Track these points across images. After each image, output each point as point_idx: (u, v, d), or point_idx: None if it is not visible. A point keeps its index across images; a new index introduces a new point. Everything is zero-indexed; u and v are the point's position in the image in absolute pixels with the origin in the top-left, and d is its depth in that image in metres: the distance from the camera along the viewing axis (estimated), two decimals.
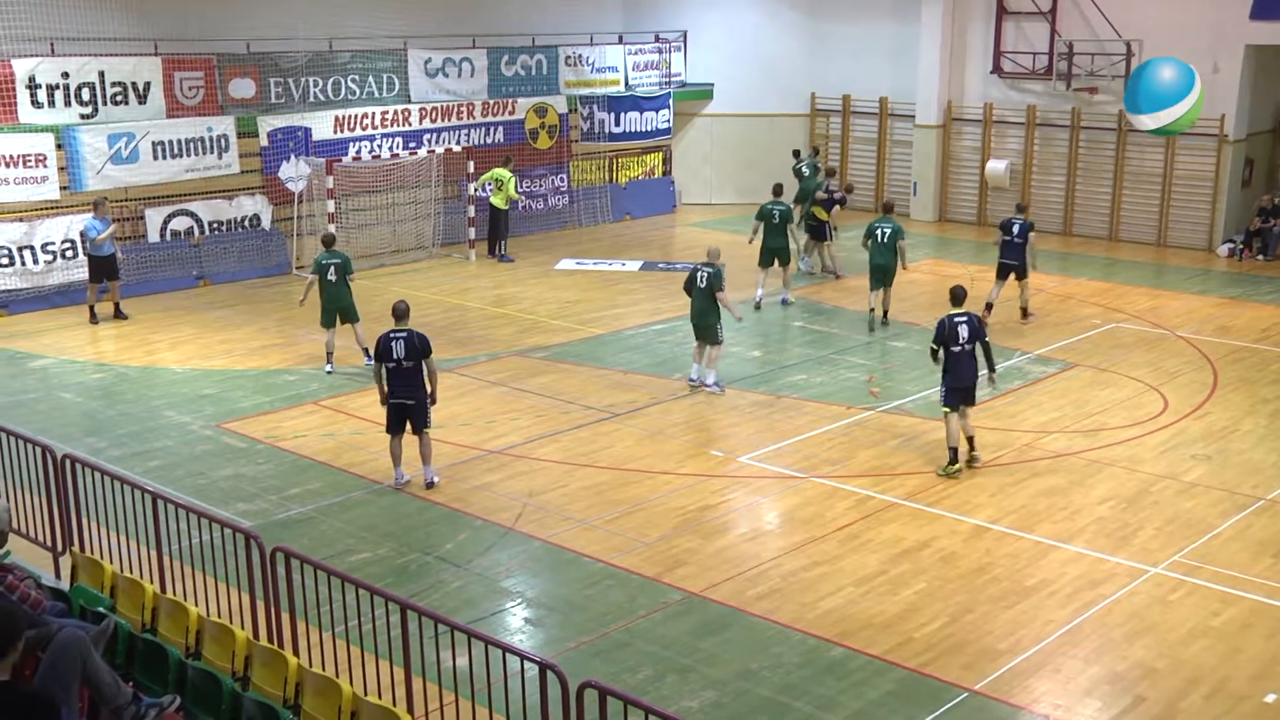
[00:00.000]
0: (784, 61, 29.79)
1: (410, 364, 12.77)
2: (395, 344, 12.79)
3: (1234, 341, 18.51)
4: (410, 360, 12.77)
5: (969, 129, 27.80)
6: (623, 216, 28.71)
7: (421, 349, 12.77)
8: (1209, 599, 10.62)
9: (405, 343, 12.77)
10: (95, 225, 19.33)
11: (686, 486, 13.11)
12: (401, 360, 12.77)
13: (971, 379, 13.42)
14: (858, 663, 9.62)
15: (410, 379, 12.81)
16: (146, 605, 8.65)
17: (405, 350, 12.76)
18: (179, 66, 21.86)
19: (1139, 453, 14.02)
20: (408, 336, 12.81)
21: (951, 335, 13.28)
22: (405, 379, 12.81)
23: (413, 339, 12.79)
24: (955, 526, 12.11)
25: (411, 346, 12.76)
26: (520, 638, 10.09)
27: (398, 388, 12.84)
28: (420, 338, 12.82)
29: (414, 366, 12.78)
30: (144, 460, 13.71)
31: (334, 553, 11.35)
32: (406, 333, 12.85)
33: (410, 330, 12.90)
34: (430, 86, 25.48)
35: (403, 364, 12.77)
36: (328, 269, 16.55)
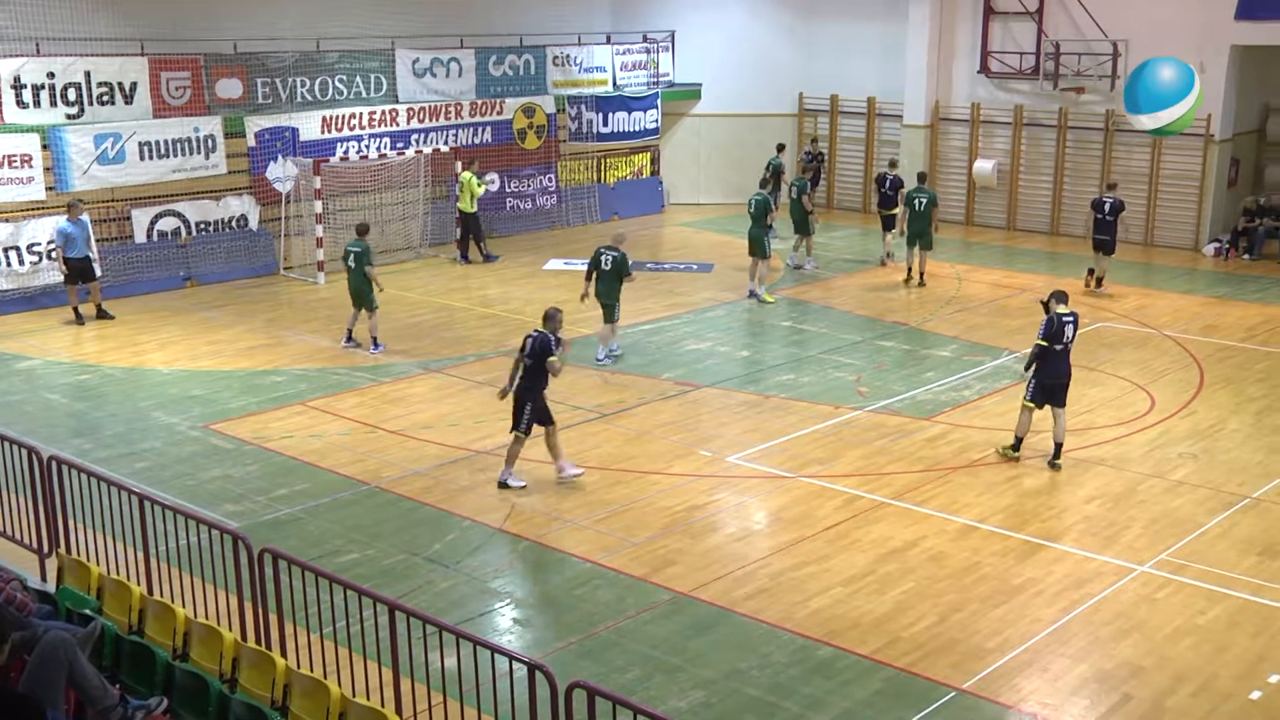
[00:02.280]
0: (772, 61, 29.81)
1: (530, 361, 12.84)
2: (528, 341, 12.89)
3: (1220, 340, 18.56)
4: (532, 358, 12.83)
5: (957, 129, 27.84)
6: (611, 216, 28.68)
7: (542, 350, 12.81)
8: (1195, 597, 10.65)
9: (534, 342, 12.83)
10: (68, 228, 19.22)
11: (675, 486, 13.11)
12: (526, 356, 12.88)
13: (1066, 377, 13.57)
14: (846, 662, 9.62)
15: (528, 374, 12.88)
16: (133, 607, 8.63)
17: (531, 348, 12.84)
18: (166, 66, 21.78)
19: (1126, 451, 14.05)
20: (537, 338, 12.85)
21: (1059, 333, 13.39)
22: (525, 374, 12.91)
23: (538, 342, 12.84)
24: (943, 526, 12.12)
25: (535, 348, 12.83)
26: (509, 638, 10.08)
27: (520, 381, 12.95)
28: (543, 341, 12.84)
29: (535, 365, 12.82)
30: (131, 461, 13.67)
31: (322, 553, 11.32)
32: (538, 334, 12.90)
33: (542, 332, 12.92)
34: (418, 86, 25.43)
35: (525, 359, 12.88)
36: (349, 255, 17.58)
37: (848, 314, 19.55)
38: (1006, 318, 19.84)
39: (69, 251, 19.29)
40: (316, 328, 19.27)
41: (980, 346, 18.25)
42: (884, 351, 18.00)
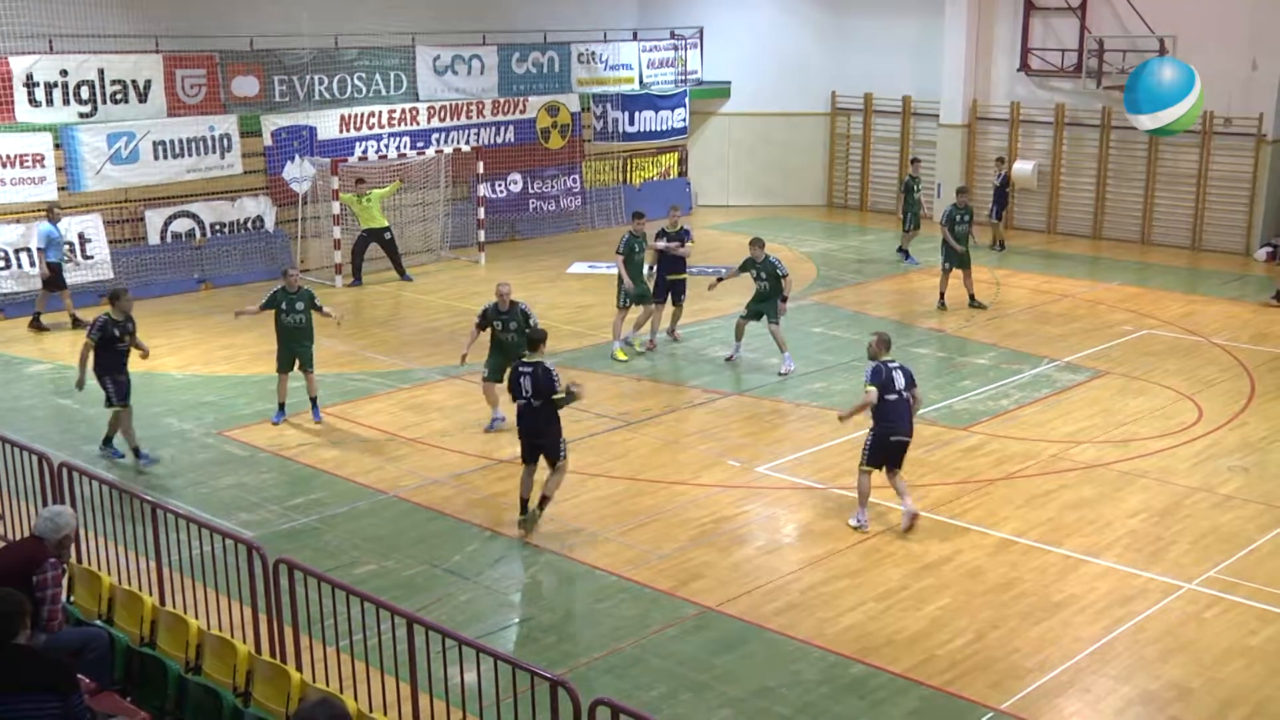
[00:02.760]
0: (804, 59, 29.54)
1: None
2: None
3: (1272, 349, 18.19)
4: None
5: (995, 128, 27.48)
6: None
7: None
8: (1246, 616, 10.36)
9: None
10: (53, 232, 18.95)
11: (703, 497, 12.88)
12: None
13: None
14: (879, 680, 9.43)
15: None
16: (145, 618, 8.61)
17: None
18: (180, 64, 21.68)
19: (1172, 464, 13.73)
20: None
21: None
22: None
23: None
24: (980, 540, 11.84)
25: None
26: (530, 653, 9.88)
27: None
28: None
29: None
30: (143, 469, 13.53)
31: (338, 564, 11.18)
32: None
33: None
34: (439, 84, 25.25)
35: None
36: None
37: (881, 320, 19.25)
38: (1046, 324, 19.53)
39: (52, 256, 18.96)
40: (333, 332, 18.98)
41: (1019, 354, 17.94)
42: (919, 359, 17.69)
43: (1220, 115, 24.27)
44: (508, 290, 14.67)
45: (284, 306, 14.64)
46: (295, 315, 14.66)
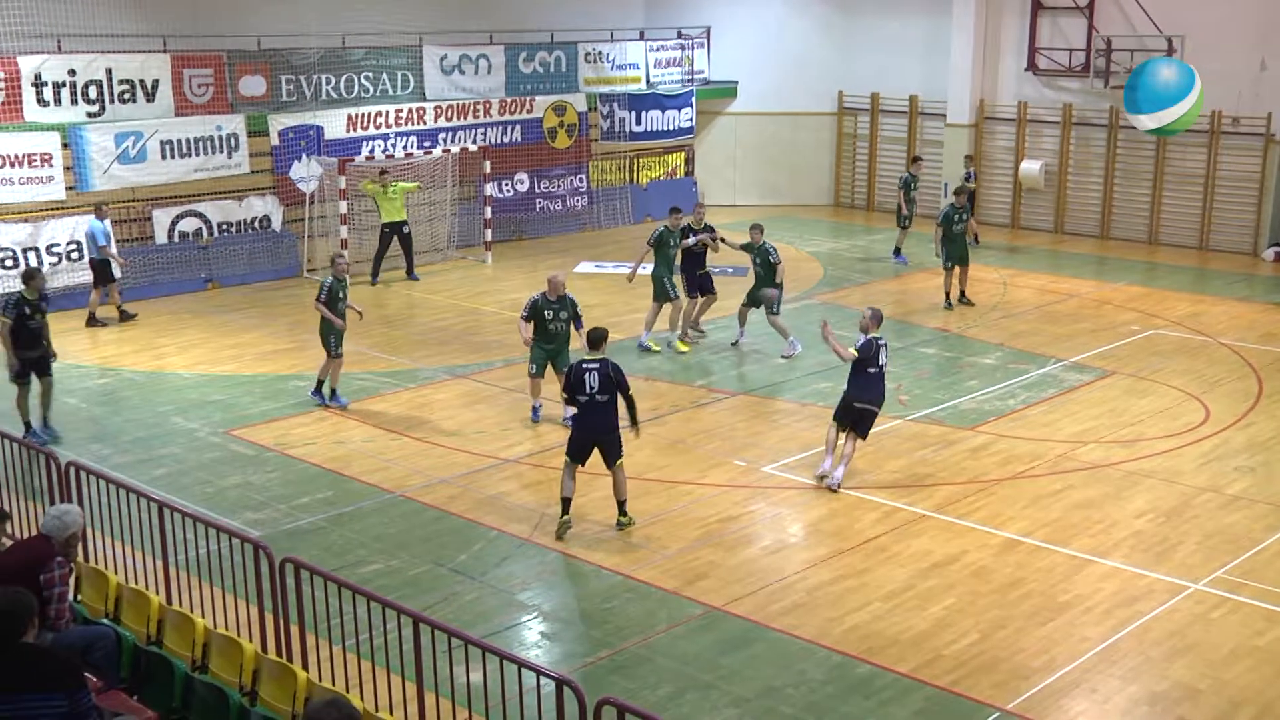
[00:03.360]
0: (810, 58, 29.49)
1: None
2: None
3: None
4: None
5: (1002, 128, 27.40)
6: (644, 218, 28.41)
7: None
8: (1253, 617, 10.33)
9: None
10: (100, 228, 19.22)
11: (708, 497, 12.86)
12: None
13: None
14: (885, 680, 9.40)
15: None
16: (152, 617, 8.62)
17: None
18: (188, 64, 21.67)
19: (1179, 464, 13.68)
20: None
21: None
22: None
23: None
24: (986, 539, 11.80)
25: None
26: (536, 652, 9.91)
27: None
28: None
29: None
30: (150, 468, 13.53)
31: (345, 564, 11.17)
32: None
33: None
34: (446, 84, 25.24)
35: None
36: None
37: (888, 320, 19.16)
38: (1053, 324, 19.45)
39: (92, 252, 19.32)
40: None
41: (1025, 354, 17.88)
42: (925, 359, 17.68)
43: (1229, 115, 24.20)
44: (561, 279, 15.02)
45: (341, 295, 15.39)
46: (343, 303, 15.46)
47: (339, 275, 15.41)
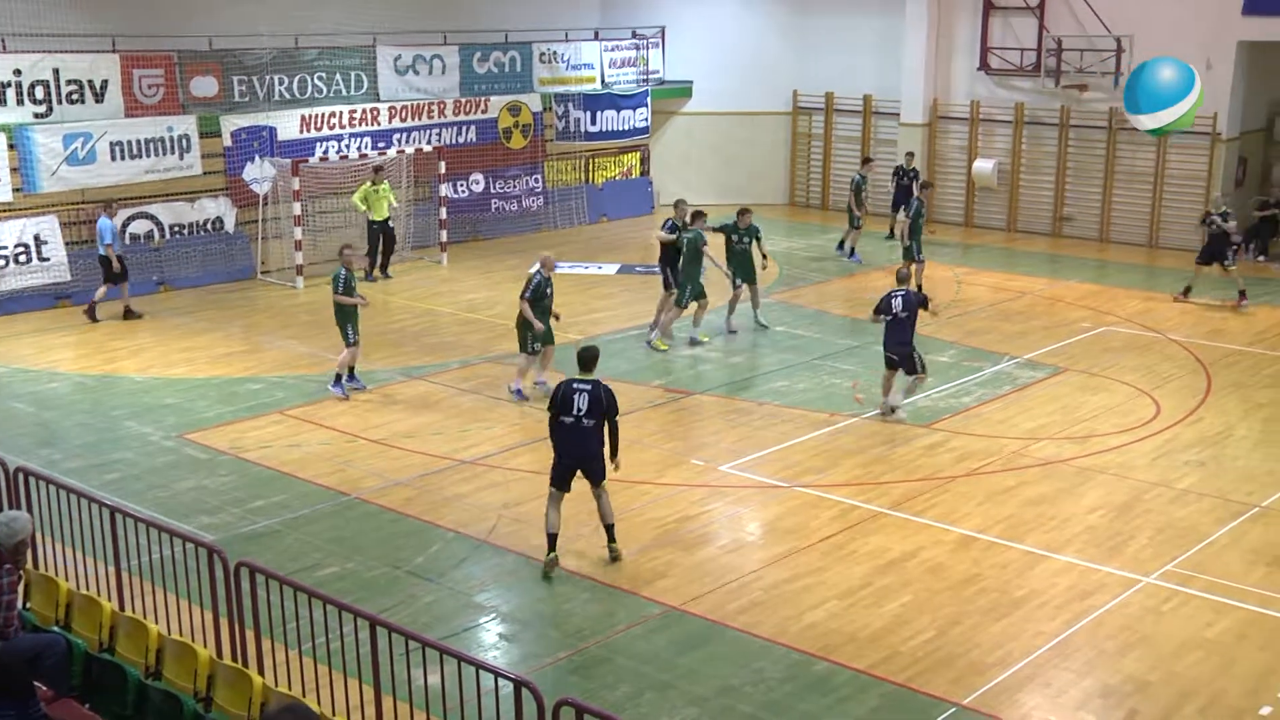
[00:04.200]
0: (765, 58, 29.56)
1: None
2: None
3: (1227, 345, 18.32)
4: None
5: (955, 127, 27.60)
6: (599, 218, 28.39)
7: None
8: (1203, 610, 10.45)
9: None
10: (109, 225, 19.30)
11: (666, 497, 12.87)
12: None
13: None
14: (843, 677, 9.44)
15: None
16: (104, 624, 8.49)
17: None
18: (138, 64, 21.41)
19: (1130, 460, 13.82)
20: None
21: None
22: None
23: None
24: (942, 536, 11.87)
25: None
26: (494, 654, 9.87)
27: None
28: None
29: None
30: (102, 473, 13.38)
31: (301, 567, 11.08)
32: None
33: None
34: (400, 84, 25.11)
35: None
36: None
37: (843, 318, 19.32)
38: (1007, 322, 19.60)
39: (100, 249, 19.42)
40: (295, 334, 18.97)
41: (980, 351, 18.00)
42: (881, 357, 17.64)
43: None
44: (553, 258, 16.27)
45: (353, 285, 15.93)
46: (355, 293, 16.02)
47: (349, 266, 15.87)
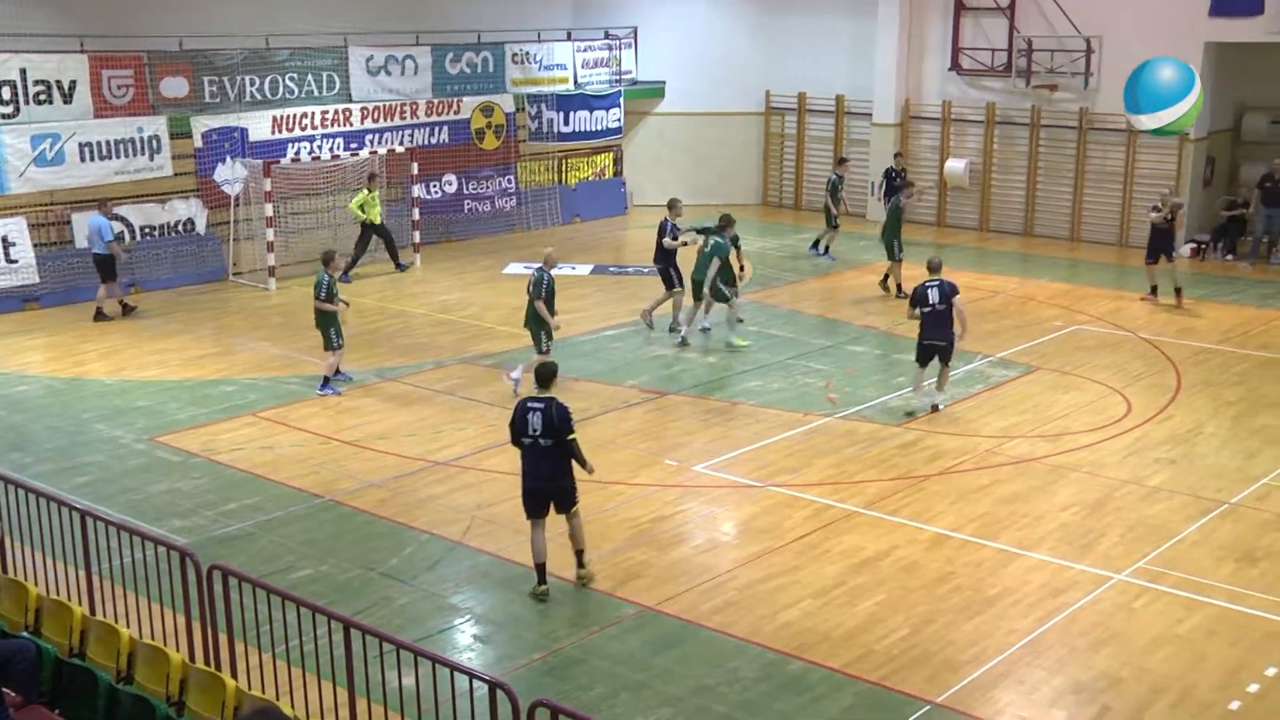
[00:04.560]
0: (737, 58, 29.61)
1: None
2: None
3: (1197, 343, 18.46)
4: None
5: (927, 127, 27.72)
6: (572, 219, 28.37)
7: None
8: (1173, 606, 10.52)
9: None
10: (106, 224, 19.32)
11: (640, 497, 12.87)
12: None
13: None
14: (817, 676, 9.45)
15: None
16: (74, 628, 8.45)
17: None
18: (107, 64, 21.25)
19: (1102, 457, 13.91)
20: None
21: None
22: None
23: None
24: (915, 535, 11.92)
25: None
26: (469, 655, 9.85)
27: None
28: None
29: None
30: (72, 476, 13.29)
31: (274, 570, 11.04)
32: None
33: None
34: (372, 85, 25.02)
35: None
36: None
37: (816, 318, 19.36)
38: (980, 321, 19.54)
39: (98, 247, 19.46)
40: (268, 335, 18.88)
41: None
42: (854, 357, 17.81)
43: None
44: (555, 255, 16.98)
45: (335, 291, 16.13)
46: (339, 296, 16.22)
47: (332, 271, 16.14)
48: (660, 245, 18.81)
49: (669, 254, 18.76)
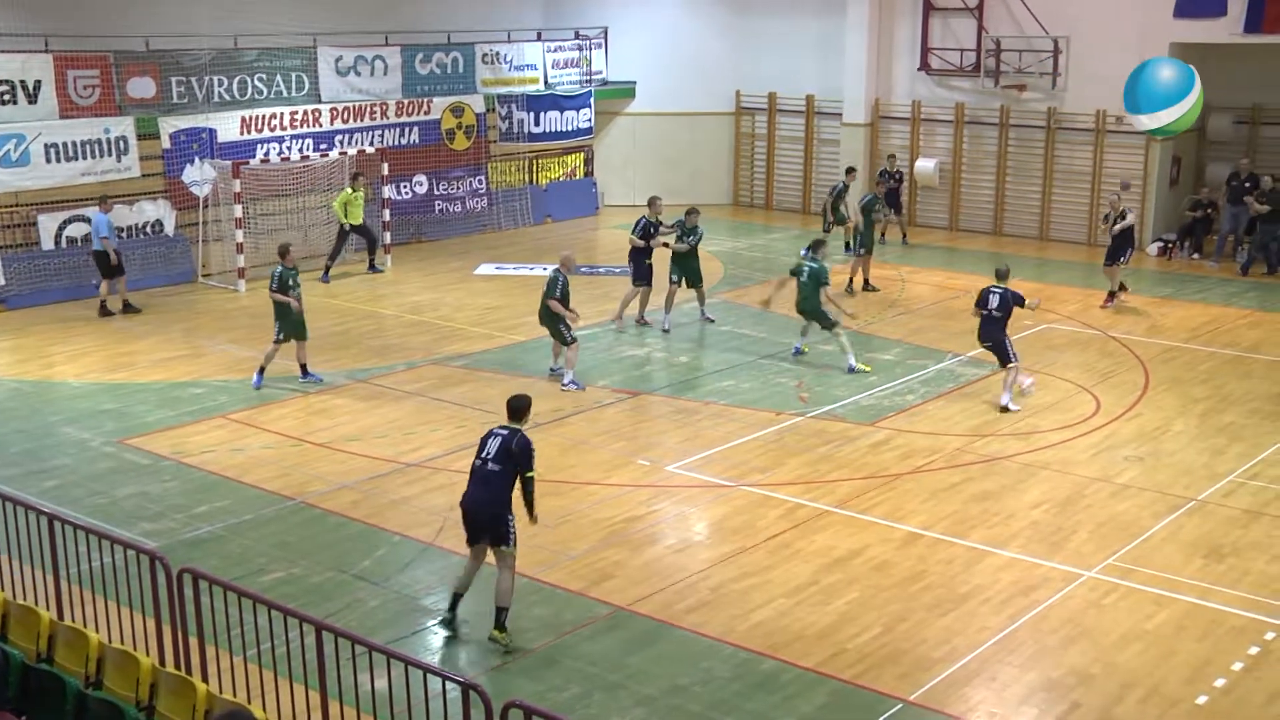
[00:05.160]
0: (708, 59, 29.65)
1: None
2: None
3: (1164, 341, 18.60)
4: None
5: (897, 127, 27.82)
6: (544, 219, 28.33)
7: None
8: (1143, 602, 10.60)
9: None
10: (102, 220, 19.36)
11: (612, 497, 12.86)
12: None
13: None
14: (790, 675, 9.47)
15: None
16: (42, 634, 8.35)
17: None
18: (72, 64, 21.06)
19: (1072, 455, 13.99)
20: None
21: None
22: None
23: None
24: (887, 534, 11.95)
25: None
26: (442, 657, 9.81)
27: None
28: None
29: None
30: (39, 480, 13.17)
31: (245, 573, 10.98)
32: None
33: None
34: (341, 85, 24.92)
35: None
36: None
37: (787, 318, 19.33)
38: (950, 320, 19.73)
39: (97, 244, 19.58)
40: (238, 337, 18.75)
41: (924, 349, 18.15)
42: (826, 355, 17.83)
43: (1112, 115, 24.86)
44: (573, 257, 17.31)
45: (290, 283, 16.03)
46: (297, 289, 16.14)
47: (289, 265, 16.14)
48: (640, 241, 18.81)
49: (641, 251, 18.77)
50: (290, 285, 16.07)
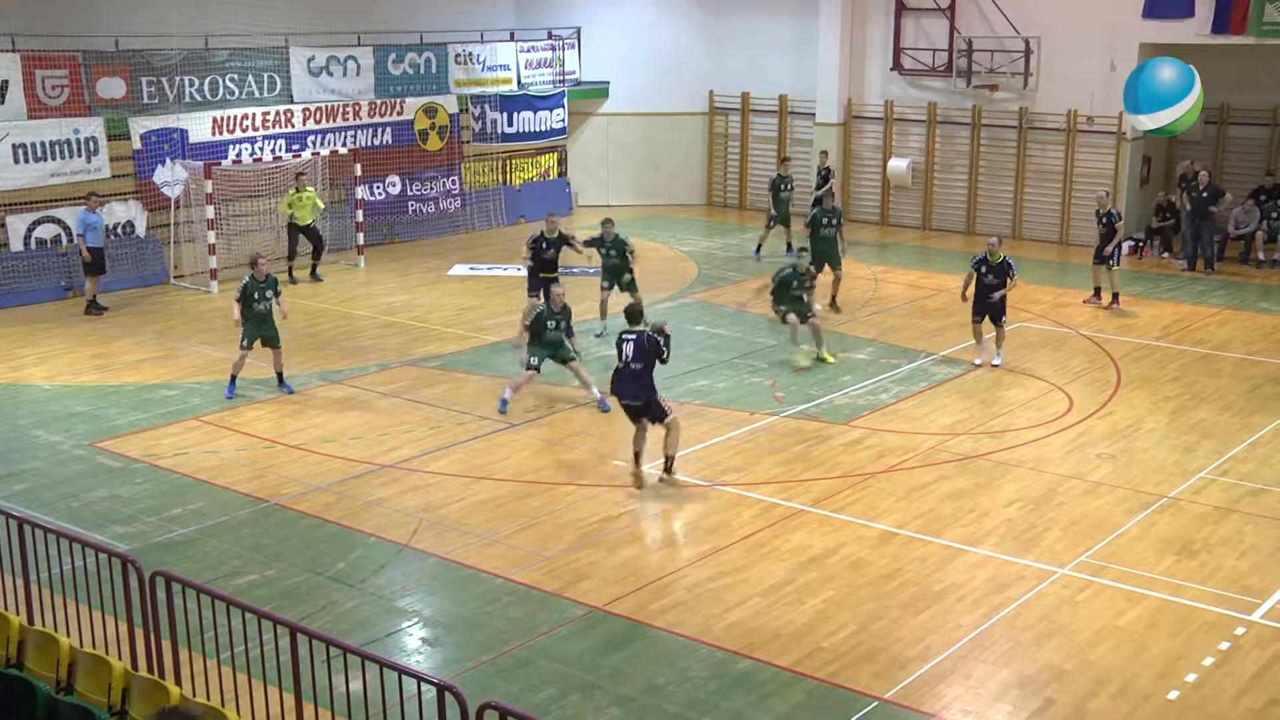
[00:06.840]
0: (681, 58, 29.67)
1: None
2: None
3: (1136, 339, 18.70)
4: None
5: (870, 127, 27.90)
6: (517, 219, 28.29)
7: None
8: (1115, 599, 10.66)
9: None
10: (91, 217, 19.30)
11: (588, 498, 12.85)
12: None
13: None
14: (766, 674, 9.48)
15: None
16: (11, 638, 8.30)
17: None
18: (40, 64, 20.89)
19: (1045, 453, 14.06)
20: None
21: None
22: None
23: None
24: (862, 532, 11.98)
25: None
26: (417, 659, 9.79)
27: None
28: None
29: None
30: (9, 483, 13.06)
31: (219, 575, 10.93)
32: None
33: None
34: (314, 86, 24.81)
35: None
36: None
37: (762, 317, 19.37)
38: (924, 319, 19.81)
39: (92, 241, 19.55)
40: (210, 339, 18.65)
41: (897, 349, 18.19)
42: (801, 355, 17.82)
43: (1084, 114, 25.04)
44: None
45: (255, 296, 15.73)
46: (265, 302, 15.81)
47: (258, 276, 15.79)
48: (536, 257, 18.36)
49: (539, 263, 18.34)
50: (255, 300, 15.67)
